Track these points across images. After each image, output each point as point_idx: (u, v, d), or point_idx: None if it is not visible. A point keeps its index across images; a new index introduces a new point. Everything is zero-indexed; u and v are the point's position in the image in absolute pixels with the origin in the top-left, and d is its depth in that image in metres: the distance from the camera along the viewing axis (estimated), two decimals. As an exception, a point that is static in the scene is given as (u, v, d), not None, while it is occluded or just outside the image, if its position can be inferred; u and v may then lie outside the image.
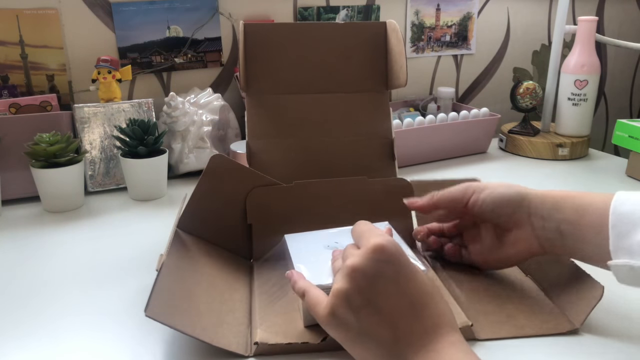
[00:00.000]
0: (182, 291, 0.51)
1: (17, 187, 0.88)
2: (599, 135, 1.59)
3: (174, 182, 0.97)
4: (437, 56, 1.33)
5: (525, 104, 1.12)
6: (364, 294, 0.41)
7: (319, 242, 0.56)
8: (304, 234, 0.58)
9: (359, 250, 0.43)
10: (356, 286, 0.41)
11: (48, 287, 0.62)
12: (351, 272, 0.41)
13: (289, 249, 0.55)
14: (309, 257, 0.53)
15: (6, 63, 0.98)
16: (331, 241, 0.56)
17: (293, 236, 0.58)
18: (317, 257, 0.53)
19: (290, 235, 0.58)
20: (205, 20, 1.09)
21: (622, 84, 1.58)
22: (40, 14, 0.98)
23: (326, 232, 0.58)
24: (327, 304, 0.43)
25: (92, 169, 0.93)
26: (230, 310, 0.52)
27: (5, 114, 0.92)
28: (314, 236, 0.58)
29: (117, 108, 0.94)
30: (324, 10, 1.18)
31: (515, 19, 1.38)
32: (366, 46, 0.73)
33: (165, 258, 0.52)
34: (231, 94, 1.15)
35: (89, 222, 0.81)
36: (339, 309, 0.42)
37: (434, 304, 0.41)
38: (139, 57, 1.06)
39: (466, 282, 0.59)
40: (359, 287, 0.41)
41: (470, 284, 0.58)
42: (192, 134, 0.98)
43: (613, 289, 0.50)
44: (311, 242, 0.56)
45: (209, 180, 0.62)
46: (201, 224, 0.62)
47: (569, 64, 1.11)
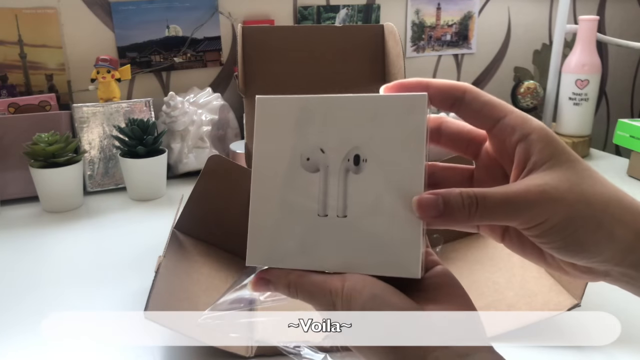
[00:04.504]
0: (181, 292, 0.50)
1: (16, 187, 0.88)
2: (600, 135, 1.59)
3: (174, 182, 0.96)
4: (437, 55, 1.33)
5: (526, 104, 1.12)
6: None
7: (296, 142, 0.32)
8: (279, 98, 0.33)
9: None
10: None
11: (47, 287, 0.62)
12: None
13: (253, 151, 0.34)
14: (272, 187, 0.32)
15: (5, 63, 0.97)
16: (314, 145, 0.32)
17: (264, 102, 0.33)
18: (287, 183, 0.32)
19: (262, 100, 0.33)
20: (204, 20, 1.08)
21: (623, 83, 1.57)
22: (39, 13, 0.98)
23: (310, 123, 0.32)
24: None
25: (91, 168, 0.92)
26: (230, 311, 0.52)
27: (4, 113, 0.92)
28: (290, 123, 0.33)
29: (116, 108, 0.94)
30: (324, 10, 1.17)
31: (516, 18, 1.38)
32: (364, 48, 0.72)
33: (163, 259, 0.51)
34: (231, 94, 1.15)
35: (88, 222, 0.81)
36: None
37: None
38: (138, 56, 1.06)
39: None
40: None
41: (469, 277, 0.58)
42: (191, 133, 0.98)
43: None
44: (284, 139, 0.32)
45: (207, 181, 0.62)
46: (199, 224, 0.62)
47: (570, 64, 1.10)
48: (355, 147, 0.31)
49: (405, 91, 0.32)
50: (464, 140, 0.34)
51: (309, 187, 0.31)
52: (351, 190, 0.31)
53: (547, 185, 0.28)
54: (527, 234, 0.29)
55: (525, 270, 0.57)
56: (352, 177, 0.31)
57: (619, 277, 0.30)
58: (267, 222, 0.32)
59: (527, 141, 0.30)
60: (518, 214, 0.28)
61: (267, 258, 0.31)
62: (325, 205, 0.31)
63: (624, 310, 0.50)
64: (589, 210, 0.28)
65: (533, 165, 0.29)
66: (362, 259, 0.30)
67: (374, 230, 0.30)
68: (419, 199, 0.29)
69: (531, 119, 0.30)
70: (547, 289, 0.53)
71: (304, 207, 0.31)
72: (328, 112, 0.31)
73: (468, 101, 0.31)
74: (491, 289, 0.56)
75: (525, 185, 0.29)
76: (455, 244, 0.66)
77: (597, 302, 0.53)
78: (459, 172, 0.35)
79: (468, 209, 0.28)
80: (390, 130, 0.30)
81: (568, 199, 0.28)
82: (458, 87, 0.31)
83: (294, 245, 0.31)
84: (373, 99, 0.31)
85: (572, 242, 0.29)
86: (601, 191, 0.29)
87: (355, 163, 0.31)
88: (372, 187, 0.30)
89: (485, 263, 0.61)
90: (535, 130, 0.30)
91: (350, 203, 0.31)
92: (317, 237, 0.31)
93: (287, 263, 0.31)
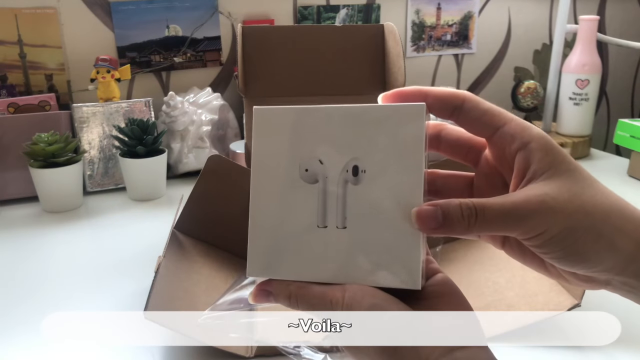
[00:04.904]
0: (181, 292, 0.50)
1: (15, 187, 0.88)
2: (601, 135, 1.59)
3: (173, 182, 0.96)
4: (437, 55, 1.33)
5: (526, 104, 1.12)
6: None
7: (294, 153, 0.32)
8: (276, 109, 0.34)
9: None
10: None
11: (46, 287, 0.61)
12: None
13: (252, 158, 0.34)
14: (271, 195, 0.32)
15: (5, 62, 0.97)
16: (312, 156, 0.32)
17: (261, 112, 0.34)
18: (286, 194, 0.32)
19: (260, 111, 0.34)
20: (204, 20, 1.08)
21: (623, 83, 1.57)
22: (39, 13, 0.98)
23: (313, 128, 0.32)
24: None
25: (91, 168, 0.92)
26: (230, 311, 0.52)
27: (4, 113, 0.92)
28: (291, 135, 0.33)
29: (116, 107, 0.93)
30: (324, 10, 1.17)
31: (516, 18, 1.38)
32: (364, 48, 0.72)
33: (163, 259, 0.51)
34: (230, 94, 1.14)
35: (87, 222, 0.80)
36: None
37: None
38: (138, 56, 1.06)
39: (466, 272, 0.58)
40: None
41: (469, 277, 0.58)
42: (191, 133, 0.98)
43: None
44: (282, 151, 0.32)
45: (207, 181, 0.62)
46: (199, 224, 0.62)
47: (570, 64, 1.10)
48: (354, 158, 0.31)
49: (403, 100, 0.32)
50: (464, 147, 0.34)
51: (308, 199, 0.31)
52: (350, 201, 0.31)
53: (547, 195, 0.28)
54: (527, 244, 0.29)
55: (526, 270, 0.57)
56: (351, 188, 0.31)
57: (620, 286, 0.30)
58: (267, 233, 0.32)
59: (526, 150, 0.29)
60: (517, 225, 0.28)
61: (268, 269, 0.32)
62: (324, 216, 0.31)
63: (624, 310, 0.50)
64: (589, 220, 0.28)
65: (532, 175, 0.29)
66: (362, 270, 0.30)
67: (374, 241, 0.30)
68: (418, 210, 0.29)
69: (531, 127, 0.30)
70: (547, 289, 0.53)
71: (304, 218, 0.31)
72: (326, 123, 0.31)
73: (467, 109, 0.31)
74: (491, 289, 0.56)
75: (524, 196, 0.28)
76: (455, 244, 0.66)
77: (597, 302, 0.53)
78: (459, 179, 0.35)
79: (467, 220, 0.28)
80: (389, 141, 0.30)
81: (568, 209, 0.28)
82: (457, 96, 0.31)
83: (294, 257, 0.31)
84: (371, 109, 0.31)
85: (572, 253, 0.28)
86: (602, 201, 0.29)
87: (354, 174, 0.31)
88: (371, 198, 0.30)
89: (485, 263, 0.61)
90: (535, 139, 0.29)
91: (350, 214, 0.31)
92: (317, 249, 0.31)
93: (288, 274, 0.31)
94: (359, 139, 0.31)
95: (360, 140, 0.31)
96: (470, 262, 0.62)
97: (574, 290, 0.52)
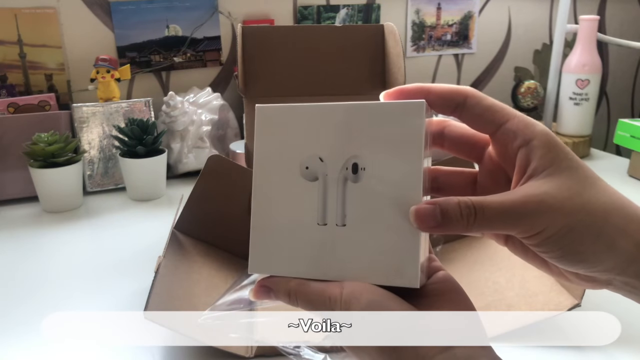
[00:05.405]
0: (181, 292, 0.50)
1: (15, 187, 0.88)
2: (601, 135, 1.59)
3: (173, 182, 0.96)
4: (437, 55, 1.33)
5: (526, 104, 1.12)
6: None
7: (295, 150, 0.32)
8: (278, 107, 0.33)
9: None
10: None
11: (46, 287, 0.61)
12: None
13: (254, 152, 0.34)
14: (273, 193, 0.32)
15: (4, 62, 0.97)
16: (313, 154, 0.32)
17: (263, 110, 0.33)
18: (287, 192, 0.32)
19: (262, 109, 0.33)
20: (204, 19, 1.08)
21: (623, 83, 1.57)
22: (39, 13, 0.98)
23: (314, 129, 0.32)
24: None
25: (91, 168, 0.92)
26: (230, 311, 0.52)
27: (4, 113, 0.91)
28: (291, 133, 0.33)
29: (115, 107, 0.93)
30: (324, 10, 1.17)
31: (516, 18, 1.38)
32: (364, 48, 0.72)
33: (163, 259, 0.51)
34: (230, 94, 1.14)
35: (87, 223, 0.80)
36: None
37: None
38: (138, 56, 1.06)
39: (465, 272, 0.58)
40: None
41: (469, 276, 0.58)
42: (191, 133, 0.98)
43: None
44: (283, 148, 0.32)
45: (207, 181, 0.62)
46: (199, 224, 0.62)
47: (570, 64, 1.10)
48: (354, 155, 0.31)
49: (405, 97, 0.31)
50: (467, 144, 0.34)
51: (308, 196, 0.31)
52: (350, 199, 0.31)
53: (546, 194, 0.28)
54: (527, 242, 0.29)
55: (526, 270, 0.57)
56: (350, 186, 0.31)
57: (622, 286, 0.30)
58: (268, 231, 0.32)
59: (528, 147, 0.29)
60: (516, 223, 0.28)
61: (269, 266, 0.32)
62: (324, 214, 0.31)
63: (624, 310, 0.50)
64: (589, 219, 0.28)
65: (533, 172, 0.29)
66: (361, 267, 0.30)
67: (373, 239, 0.30)
68: (417, 209, 0.29)
69: (534, 124, 0.30)
70: (547, 289, 0.53)
71: (304, 216, 0.31)
72: (327, 120, 0.31)
73: (470, 106, 0.30)
74: (491, 289, 0.56)
75: (523, 194, 0.28)
76: (455, 244, 0.66)
77: (597, 302, 0.53)
78: (462, 176, 0.35)
79: (466, 219, 0.28)
80: (388, 139, 0.30)
81: (567, 207, 0.28)
82: (459, 92, 0.31)
83: (294, 254, 0.31)
84: (371, 107, 0.31)
85: (571, 252, 0.28)
86: (603, 200, 0.28)
87: (353, 172, 0.31)
88: (371, 195, 0.30)
89: (485, 263, 0.60)
90: (538, 136, 0.29)
91: (349, 212, 0.31)
92: (317, 246, 0.31)
93: (288, 271, 0.31)
94: (359, 136, 0.31)
95: (360, 138, 0.31)
96: (470, 262, 0.62)
97: (574, 290, 0.51)
